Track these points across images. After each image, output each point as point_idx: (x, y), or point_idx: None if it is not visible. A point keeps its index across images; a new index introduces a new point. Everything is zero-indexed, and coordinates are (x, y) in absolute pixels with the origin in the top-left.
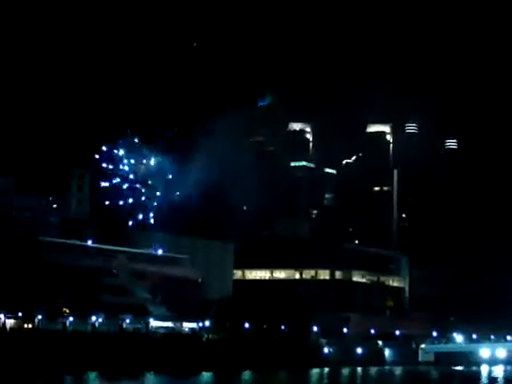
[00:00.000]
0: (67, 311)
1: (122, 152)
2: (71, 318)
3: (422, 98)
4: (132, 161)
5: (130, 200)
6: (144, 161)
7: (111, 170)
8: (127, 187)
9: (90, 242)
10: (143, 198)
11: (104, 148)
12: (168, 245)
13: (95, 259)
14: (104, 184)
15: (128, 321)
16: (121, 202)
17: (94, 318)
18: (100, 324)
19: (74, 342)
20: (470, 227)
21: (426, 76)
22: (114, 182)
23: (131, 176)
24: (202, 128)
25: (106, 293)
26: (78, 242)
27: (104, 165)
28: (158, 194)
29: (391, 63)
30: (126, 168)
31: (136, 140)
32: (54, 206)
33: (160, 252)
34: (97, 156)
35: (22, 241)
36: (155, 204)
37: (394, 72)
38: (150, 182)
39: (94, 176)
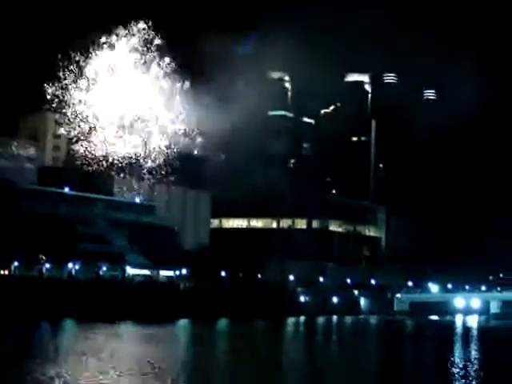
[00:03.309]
0: (44, 258)
1: None
2: (48, 265)
3: (403, 48)
4: None
5: None
6: None
7: None
8: None
9: (67, 190)
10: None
11: None
12: (145, 193)
13: (72, 207)
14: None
15: (105, 268)
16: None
17: (70, 266)
18: (76, 271)
19: (51, 289)
20: (448, 178)
21: (405, 25)
22: None
23: None
24: None
25: (83, 241)
26: (55, 190)
27: None
28: None
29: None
30: None
31: None
32: (32, 152)
33: (137, 200)
34: None
35: None
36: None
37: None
38: None
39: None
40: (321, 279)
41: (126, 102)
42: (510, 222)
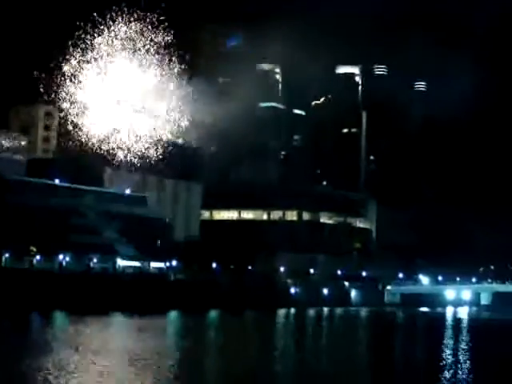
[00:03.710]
0: (34, 250)
1: None
2: (38, 257)
3: (392, 41)
4: None
5: None
6: None
7: None
8: None
9: (57, 181)
10: None
11: None
12: (135, 184)
13: (63, 198)
14: None
15: (95, 260)
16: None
17: (61, 257)
18: (67, 263)
19: (41, 280)
20: (438, 170)
21: (394, 18)
22: None
23: None
24: None
25: (74, 232)
26: (46, 181)
27: None
28: None
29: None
30: None
31: None
32: (22, 144)
33: (128, 191)
34: None
35: None
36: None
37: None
38: None
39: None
40: (311, 271)
41: (119, 90)
42: (501, 213)
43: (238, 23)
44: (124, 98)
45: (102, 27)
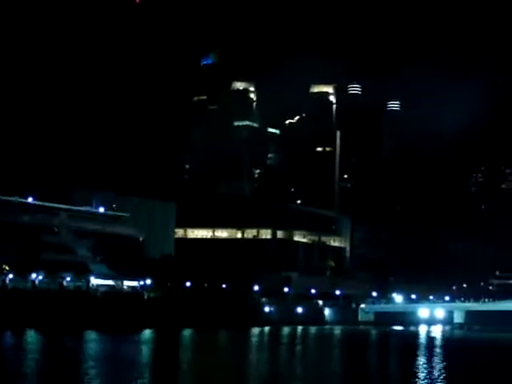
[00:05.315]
0: (7, 268)
1: None
2: (11, 275)
3: (366, 60)
4: None
5: None
6: None
7: None
8: None
9: (30, 199)
10: None
11: None
12: (109, 203)
13: (35, 216)
14: None
15: (68, 279)
16: None
17: (34, 276)
18: (40, 282)
19: (14, 299)
20: (411, 189)
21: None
22: None
23: None
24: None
25: (47, 250)
26: (18, 199)
27: None
28: None
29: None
30: None
31: None
32: None
33: (101, 210)
34: None
35: None
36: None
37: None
38: None
39: None
40: (286, 289)
41: None
42: (474, 233)
43: (211, 42)
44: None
45: None
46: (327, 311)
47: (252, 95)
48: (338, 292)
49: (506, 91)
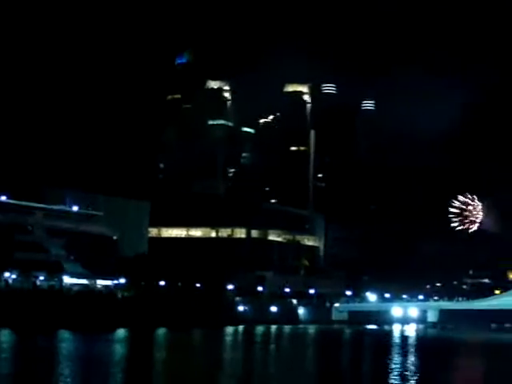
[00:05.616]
0: None
1: None
2: None
3: (340, 59)
4: None
5: None
6: None
7: None
8: None
9: (3, 198)
10: None
11: None
12: (83, 202)
13: (9, 215)
14: None
15: (42, 278)
16: None
17: (7, 275)
18: (13, 280)
19: None
20: (385, 189)
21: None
22: None
23: None
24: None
25: (20, 249)
26: None
27: None
28: None
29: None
30: None
31: None
32: None
33: (75, 209)
34: None
35: None
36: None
37: (313, 32)
38: None
39: None
40: (260, 288)
41: None
42: (447, 231)
43: (185, 41)
44: None
45: None
46: (301, 310)
47: (226, 94)
48: (312, 291)
49: (484, 90)
